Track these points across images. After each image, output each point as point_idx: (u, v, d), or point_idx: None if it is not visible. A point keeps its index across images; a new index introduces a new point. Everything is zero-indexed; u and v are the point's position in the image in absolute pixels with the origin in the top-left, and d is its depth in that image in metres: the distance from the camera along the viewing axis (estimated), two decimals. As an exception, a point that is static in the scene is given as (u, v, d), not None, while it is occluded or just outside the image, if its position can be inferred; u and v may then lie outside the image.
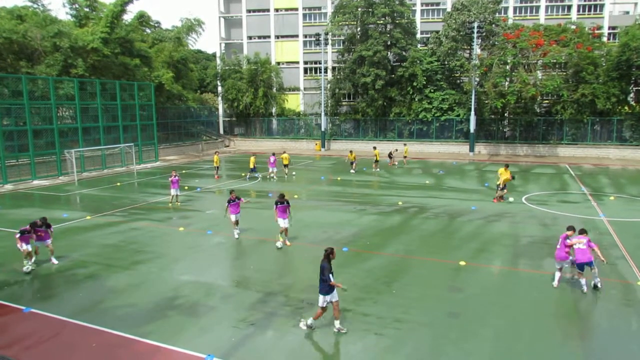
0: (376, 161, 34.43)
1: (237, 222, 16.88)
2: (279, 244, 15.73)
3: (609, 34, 52.17)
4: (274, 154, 31.34)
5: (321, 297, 9.67)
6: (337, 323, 9.86)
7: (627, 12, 58.54)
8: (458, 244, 16.09)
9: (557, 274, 12.15)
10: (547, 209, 21.43)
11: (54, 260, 14.45)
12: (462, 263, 13.91)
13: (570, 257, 11.96)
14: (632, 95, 44.48)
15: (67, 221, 19.68)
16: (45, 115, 32.84)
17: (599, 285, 11.73)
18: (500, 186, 23.13)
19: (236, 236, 16.85)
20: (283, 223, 15.79)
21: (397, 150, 39.57)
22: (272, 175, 30.85)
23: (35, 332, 10.01)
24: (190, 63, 56.48)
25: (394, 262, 14.23)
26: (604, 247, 15.54)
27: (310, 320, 9.91)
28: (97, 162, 36.45)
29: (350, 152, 34.42)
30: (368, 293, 11.82)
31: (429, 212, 20.89)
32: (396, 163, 37.87)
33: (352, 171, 33.28)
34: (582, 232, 12.15)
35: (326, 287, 9.61)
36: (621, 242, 15.96)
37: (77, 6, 44.47)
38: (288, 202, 15.86)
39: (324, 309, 9.75)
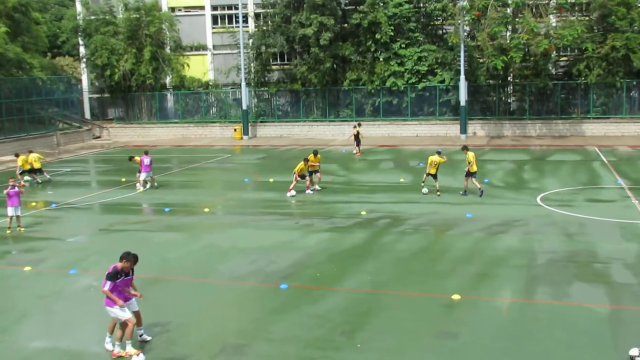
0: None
1: None
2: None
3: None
4: (146, 153, 30.05)
5: None
6: None
7: None
8: (449, 269, 16.38)
9: None
10: (572, 212, 22.28)
11: None
12: (456, 297, 14.15)
13: None
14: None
15: None
16: None
17: None
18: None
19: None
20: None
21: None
22: (150, 181, 29.92)
23: None
24: (35, 11, 54.53)
25: (357, 300, 14.28)
26: (652, 262, 16.36)
27: None
28: None
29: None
30: (321, 349, 11.77)
31: (405, 225, 21.19)
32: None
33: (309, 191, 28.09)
34: None
35: None
36: (674, 254, 16.84)
37: None
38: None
39: None
